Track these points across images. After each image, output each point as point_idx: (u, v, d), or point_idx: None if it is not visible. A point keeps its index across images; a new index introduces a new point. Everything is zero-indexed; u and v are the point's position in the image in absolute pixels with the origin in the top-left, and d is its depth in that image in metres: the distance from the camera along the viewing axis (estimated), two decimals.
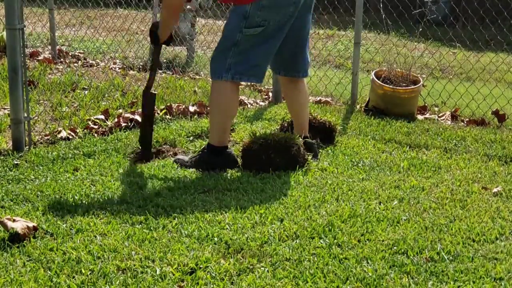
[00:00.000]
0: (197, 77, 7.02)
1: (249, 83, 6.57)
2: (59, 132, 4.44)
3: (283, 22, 3.78)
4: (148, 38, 4.59)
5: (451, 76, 7.63)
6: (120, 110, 5.04)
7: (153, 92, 4.05)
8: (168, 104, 5.19)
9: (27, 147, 4.10)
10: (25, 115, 4.08)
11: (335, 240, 2.85)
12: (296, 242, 2.84)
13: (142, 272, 2.54)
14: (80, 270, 2.54)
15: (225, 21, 3.94)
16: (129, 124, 4.73)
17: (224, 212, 3.15)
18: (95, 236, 2.84)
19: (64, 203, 3.20)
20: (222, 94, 3.81)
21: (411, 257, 2.73)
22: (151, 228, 2.95)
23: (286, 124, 4.42)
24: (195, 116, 5.09)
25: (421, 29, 6.55)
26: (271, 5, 3.71)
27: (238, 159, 3.93)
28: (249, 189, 3.48)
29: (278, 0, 3.73)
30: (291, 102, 4.27)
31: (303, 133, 4.15)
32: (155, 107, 4.38)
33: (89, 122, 4.70)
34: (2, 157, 3.91)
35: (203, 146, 4.04)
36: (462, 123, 5.38)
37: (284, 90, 4.38)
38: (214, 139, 3.89)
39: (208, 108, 4.00)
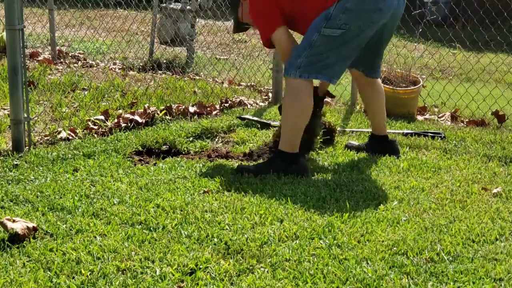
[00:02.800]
0: (197, 77, 7.01)
1: (249, 83, 6.57)
2: (59, 132, 4.44)
3: (364, 29, 3.70)
4: (148, 39, 4.58)
5: (451, 77, 7.62)
6: (120, 111, 5.04)
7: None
8: (168, 105, 5.18)
9: (27, 147, 4.10)
10: (25, 115, 4.09)
11: (335, 241, 2.86)
12: (296, 242, 2.84)
13: (142, 273, 2.55)
14: (80, 270, 2.54)
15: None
16: (129, 124, 4.73)
17: (224, 212, 3.15)
18: (95, 237, 2.85)
19: (64, 203, 3.20)
20: (296, 95, 3.73)
21: (411, 257, 2.73)
22: (151, 228, 2.95)
23: None
24: (195, 117, 5.09)
25: (421, 30, 6.55)
26: (355, 9, 3.64)
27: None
28: (249, 189, 3.48)
29: (363, 4, 3.66)
30: (369, 102, 4.28)
31: (383, 133, 4.24)
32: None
33: (89, 123, 4.69)
34: (2, 158, 3.91)
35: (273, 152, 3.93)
36: (462, 124, 5.38)
37: (360, 90, 4.34)
38: (285, 145, 3.78)
39: (281, 112, 3.87)
